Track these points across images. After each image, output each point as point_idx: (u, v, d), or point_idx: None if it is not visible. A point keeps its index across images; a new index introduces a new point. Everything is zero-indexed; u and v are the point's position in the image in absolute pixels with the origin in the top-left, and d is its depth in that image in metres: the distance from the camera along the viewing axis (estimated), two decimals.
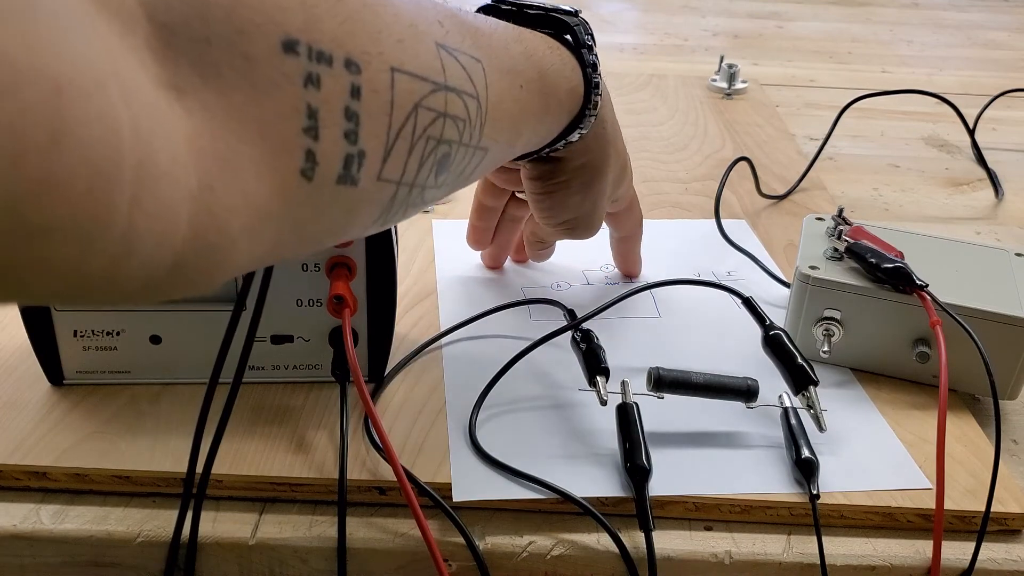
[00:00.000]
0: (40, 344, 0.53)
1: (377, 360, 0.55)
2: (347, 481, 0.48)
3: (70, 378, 0.54)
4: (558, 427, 0.53)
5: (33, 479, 0.48)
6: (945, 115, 1.01)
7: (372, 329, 0.54)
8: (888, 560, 0.47)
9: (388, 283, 0.53)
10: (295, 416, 0.53)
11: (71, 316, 0.52)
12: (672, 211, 0.81)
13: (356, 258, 0.52)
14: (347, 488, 0.47)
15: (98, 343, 0.53)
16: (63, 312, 0.52)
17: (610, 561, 0.47)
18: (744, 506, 0.49)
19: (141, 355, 0.54)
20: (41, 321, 0.52)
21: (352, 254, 0.52)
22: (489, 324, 0.62)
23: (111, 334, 0.53)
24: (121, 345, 0.53)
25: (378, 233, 0.51)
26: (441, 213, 0.78)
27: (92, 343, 0.53)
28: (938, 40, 1.50)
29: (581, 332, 0.56)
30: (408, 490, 0.44)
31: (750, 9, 1.64)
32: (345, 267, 0.52)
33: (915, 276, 0.55)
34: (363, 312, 0.53)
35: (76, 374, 0.54)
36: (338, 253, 0.51)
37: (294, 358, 0.55)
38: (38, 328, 0.53)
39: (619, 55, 1.32)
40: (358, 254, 0.52)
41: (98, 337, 0.53)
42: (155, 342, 0.53)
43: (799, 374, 0.52)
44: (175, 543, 0.45)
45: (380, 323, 0.54)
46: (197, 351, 0.54)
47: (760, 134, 1.01)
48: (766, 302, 0.66)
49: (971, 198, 0.90)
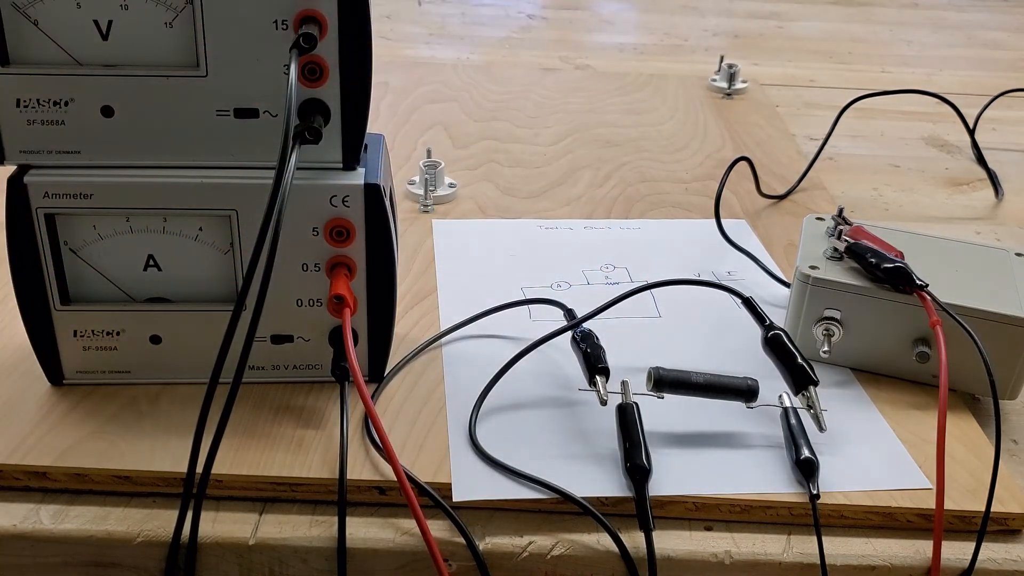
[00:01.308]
0: (40, 344, 0.53)
1: (377, 360, 0.55)
2: (347, 481, 0.47)
3: (70, 378, 0.54)
4: (558, 427, 0.53)
5: (33, 479, 0.48)
6: (945, 115, 1.01)
7: (372, 329, 0.54)
8: (888, 560, 0.47)
9: (388, 283, 0.53)
10: (295, 416, 0.53)
11: (71, 316, 0.52)
12: (672, 211, 0.81)
13: (356, 258, 0.52)
14: (347, 488, 0.47)
15: (98, 343, 0.53)
16: (63, 312, 0.52)
17: (610, 561, 0.47)
18: (744, 506, 0.49)
19: (141, 355, 0.54)
20: (41, 321, 0.52)
21: (352, 254, 0.52)
22: (489, 324, 0.62)
23: (111, 334, 0.53)
24: (121, 345, 0.53)
25: (378, 232, 0.51)
26: (441, 213, 0.78)
27: (92, 343, 0.53)
28: (938, 40, 1.50)
29: (581, 332, 0.56)
30: (408, 490, 0.44)
31: (750, 9, 1.64)
32: (345, 267, 0.52)
33: (915, 276, 0.55)
34: (363, 312, 0.53)
35: (76, 374, 0.54)
36: (338, 253, 0.51)
37: (294, 358, 0.55)
38: (38, 328, 0.53)
39: (619, 55, 1.32)
40: (358, 254, 0.52)
41: (98, 337, 0.53)
42: (155, 342, 0.53)
43: (799, 374, 0.52)
44: (175, 543, 0.45)
45: (380, 323, 0.54)
46: (197, 351, 0.54)
47: (760, 134, 1.01)
48: (766, 302, 0.66)
49: (971, 198, 0.90)
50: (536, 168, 0.89)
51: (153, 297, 0.53)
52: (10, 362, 0.56)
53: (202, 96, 0.48)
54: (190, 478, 0.44)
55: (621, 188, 0.85)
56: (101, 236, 0.51)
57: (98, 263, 0.52)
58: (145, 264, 0.52)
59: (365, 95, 0.49)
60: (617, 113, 1.05)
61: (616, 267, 0.71)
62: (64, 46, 0.47)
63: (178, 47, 0.48)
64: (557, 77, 1.17)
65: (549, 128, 0.99)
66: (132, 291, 0.53)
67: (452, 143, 0.94)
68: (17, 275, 0.51)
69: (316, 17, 0.47)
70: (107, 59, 0.48)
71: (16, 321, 0.59)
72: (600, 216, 0.80)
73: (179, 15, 0.47)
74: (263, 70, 0.48)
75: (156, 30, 0.47)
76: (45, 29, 0.47)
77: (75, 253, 0.51)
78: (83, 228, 0.51)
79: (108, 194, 0.50)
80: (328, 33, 0.47)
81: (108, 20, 0.47)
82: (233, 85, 0.48)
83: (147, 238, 0.51)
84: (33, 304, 0.52)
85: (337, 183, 0.50)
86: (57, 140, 0.49)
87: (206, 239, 0.52)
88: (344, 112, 0.49)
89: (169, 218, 0.51)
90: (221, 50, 0.47)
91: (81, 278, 0.52)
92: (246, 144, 0.49)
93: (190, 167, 0.50)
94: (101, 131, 0.49)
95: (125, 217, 0.51)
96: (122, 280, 0.52)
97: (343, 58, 0.48)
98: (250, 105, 0.49)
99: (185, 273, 0.52)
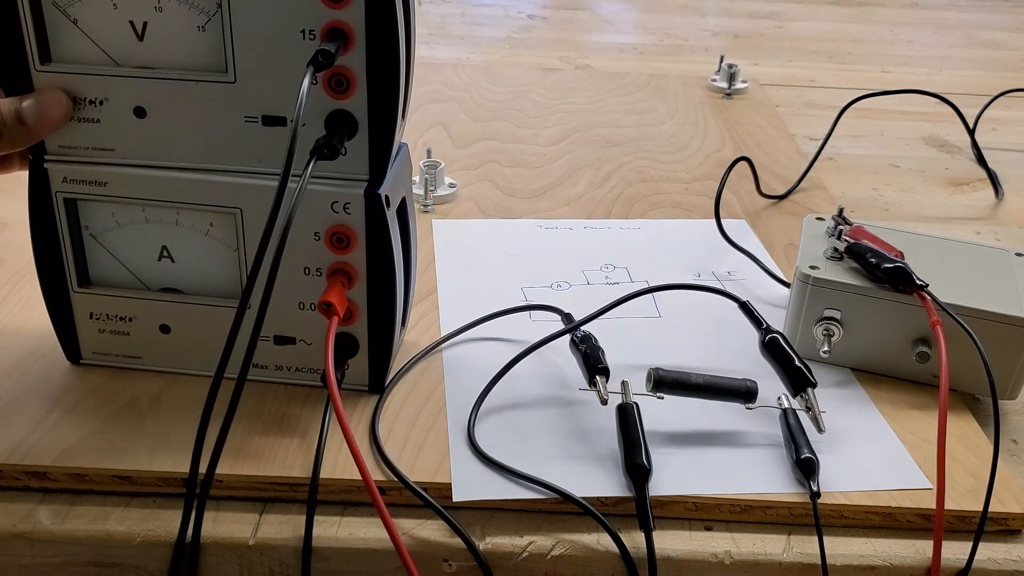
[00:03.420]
0: (60, 323, 0.55)
1: (377, 370, 0.55)
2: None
3: (87, 358, 0.56)
4: (558, 427, 0.53)
5: (33, 479, 0.48)
6: (945, 115, 1.01)
7: (373, 339, 0.54)
8: (888, 560, 0.47)
9: (388, 293, 0.52)
10: (295, 418, 0.53)
11: (88, 299, 0.54)
12: (672, 211, 0.81)
13: (357, 266, 0.51)
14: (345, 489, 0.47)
15: (112, 327, 0.55)
16: (81, 294, 0.54)
17: (610, 561, 0.47)
18: (744, 506, 0.49)
19: (151, 342, 0.55)
20: (61, 301, 0.54)
21: (353, 261, 0.51)
22: (488, 326, 0.62)
23: (124, 319, 0.54)
24: (133, 331, 0.55)
25: (378, 241, 0.50)
26: (441, 213, 0.78)
27: (107, 326, 0.55)
28: (938, 40, 1.50)
29: (580, 334, 0.56)
30: (375, 492, 0.44)
31: (750, 9, 1.64)
32: (345, 274, 0.51)
33: (915, 276, 0.55)
34: (363, 321, 0.53)
35: (92, 355, 0.56)
36: (339, 260, 0.51)
37: (296, 360, 0.54)
38: (58, 308, 0.54)
39: (619, 55, 1.32)
40: (359, 262, 0.51)
41: (112, 321, 0.54)
42: (165, 331, 0.54)
43: (797, 376, 0.52)
44: (180, 542, 0.45)
45: (380, 333, 0.53)
46: (204, 344, 0.54)
47: (760, 134, 1.01)
48: (766, 302, 0.66)
49: (971, 198, 0.90)
50: (536, 168, 0.89)
51: (166, 287, 0.54)
52: (10, 363, 0.56)
53: (231, 102, 0.48)
54: (193, 477, 0.44)
55: (621, 188, 0.85)
56: (119, 224, 0.52)
57: (115, 249, 0.53)
58: (160, 254, 0.53)
59: (393, 108, 0.48)
60: (617, 113, 1.05)
61: (616, 267, 0.71)
62: (102, 45, 0.48)
63: (210, 51, 0.48)
64: (557, 77, 1.17)
65: (549, 128, 0.99)
66: (146, 279, 0.54)
67: (452, 143, 0.94)
68: (39, 256, 0.53)
69: (343, 28, 0.46)
70: (142, 60, 0.48)
71: (16, 322, 0.59)
72: (600, 216, 0.80)
73: (211, 19, 0.47)
74: (290, 78, 0.47)
75: (189, 33, 0.47)
76: (84, 28, 0.47)
77: (95, 238, 0.53)
78: (102, 214, 0.52)
79: (120, 184, 0.51)
80: (355, 44, 0.46)
81: (144, 21, 0.47)
82: (261, 92, 0.48)
83: (162, 229, 0.52)
84: (54, 284, 0.54)
85: (339, 190, 0.49)
86: (92, 138, 0.50)
87: (216, 235, 0.52)
88: (372, 125, 0.49)
89: (181, 211, 0.52)
90: (249, 57, 0.47)
91: (99, 263, 0.54)
92: (274, 151, 0.49)
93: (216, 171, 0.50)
94: (134, 131, 0.50)
95: (141, 207, 0.52)
96: (137, 268, 0.54)
97: (370, 70, 0.47)
98: (278, 113, 0.49)
99: (196, 267, 0.53)
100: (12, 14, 0.47)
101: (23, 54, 0.48)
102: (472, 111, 1.03)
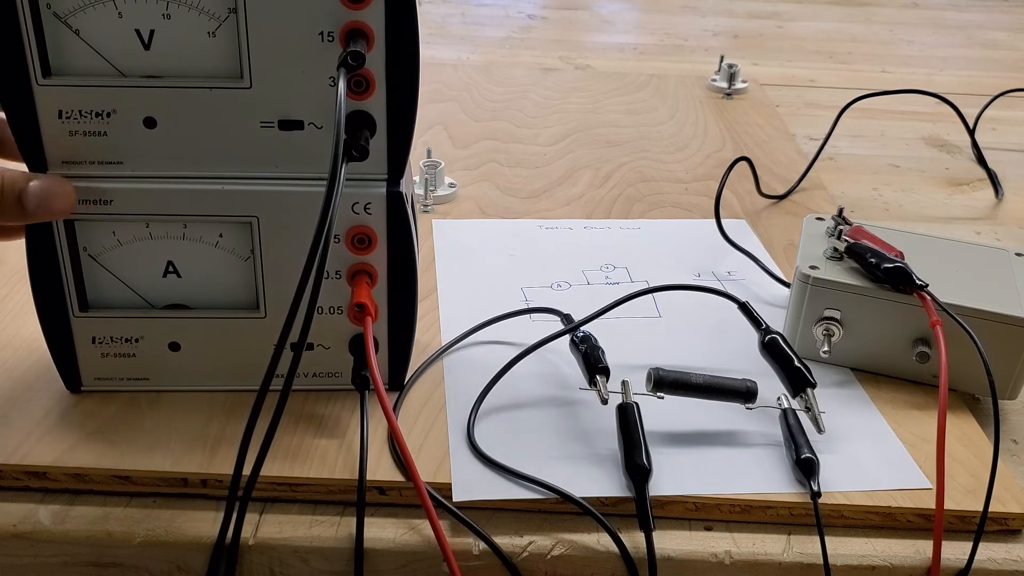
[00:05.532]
0: (58, 351, 0.52)
1: (397, 368, 0.55)
2: (345, 482, 0.47)
3: (88, 385, 0.53)
4: (558, 427, 0.53)
5: (33, 479, 0.48)
6: (945, 115, 1.01)
7: (393, 337, 0.53)
8: (888, 560, 0.47)
9: (409, 291, 0.52)
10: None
11: (90, 323, 0.52)
12: (672, 211, 0.81)
13: (377, 266, 0.51)
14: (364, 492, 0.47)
15: (116, 350, 0.52)
16: (82, 319, 0.51)
17: (610, 561, 0.47)
18: (744, 506, 0.49)
19: (160, 362, 0.53)
20: (60, 328, 0.52)
21: (373, 261, 0.51)
22: (488, 326, 0.61)
23: (130, 341, 0.52)
24: (140, 352, 0.53)
25: (400, 240, 0.50)
26: (441, 213, 0.78)
27: (111, 350, 0.52)
28: (938, 40, 1.50)
29: (580, 335, 0.56)
30: (425, 497, 0.44)
31: (750, 9, 1.64)
32: (367, 275, 0.51)
33: (915, 276, 0.55)
34: (383, 320, 0.53)
35: (94, 380, 0.53)
36: (360, 260, 0.51)
37: (314, 366, 0.54)
38: (56, 335, 0.52)
39: (619, 55, 1.32)
40: (379, 262, 0.51)
41: (116, 344, 0.52)
42: (174, 349, 0.53)
43: (796, 377, 0.52)
44: (219, 543, 0.45)
45: (401, 331, 0.53)
46: (217, 358, 0.53)
47: (760, 134, 1.01)
48: (766, 302, 0.66)
49: (971, 198, 0.90)
50: (536, 168, 0.89)
51: (172, 304, 0.52)
52: (10, 362, 0.56)
53: (246, 107, 0.47)
54: (236, 481, 0.44)
55: (621, 188, 0.85)
56: (120, 242, 0.50)
57: (117, 269, 0.51)
58: (164, 271, 0.51)
59: (412, 108, 0.48)
60: (617, 113, 1.05)
61: (616, 267, 0.71)
62: (106, 56, 0.46)
63: (221, 57, 0.47)
64: (557, 77, 1.17)
65: (549, 128, 0.99)
66: (151, 298, 0.52)
67: (452, 143, 0.94)
68: (36, 280, 0.50)
69: (363, 29, 0.45)
70: (150, 69, 0.47)
71: (15, 322, 0.59)
72: (600, 216, 0.80)
73: (222, 25, 0.46)
74: (308, 81, 0.47)
75: (199, 40, 0.46)
76: (87, 39, 0.46)
77: (94, 259, 0.51)
78: (102, 234, 0.50)
79: (127, 200, 0.49)
80: (375, 45, 0.46)
81: (150, 30, 0.46)
82: (277, 96, 0.47)
83: (167, 244, 0.50)
84: (52, 310, 0.51)
85: (360, 191, 0.49)
86: (99, 151, 0.48)
87: (226, 246, 0.51)
88: (390, 125, 0.48)
89: (189, 224, 0.50)
90: (265, 61, 0.46)
91: (100, 284, 0.51)
92: (291, 156, 0.49)
93: (230, 178, 0.49)
94: (144, 142, 0.48)
95: (145, 223, 0.50)
96: (141, 287, 0.52)
97: (390, 70, 0.47)
98: (295, 117, 0.48)
99: (205, 280, 0.52)
100: (12, 27, 0.45)
101: (24, 68, 0.45)
102: (472, 111, 1.03)
